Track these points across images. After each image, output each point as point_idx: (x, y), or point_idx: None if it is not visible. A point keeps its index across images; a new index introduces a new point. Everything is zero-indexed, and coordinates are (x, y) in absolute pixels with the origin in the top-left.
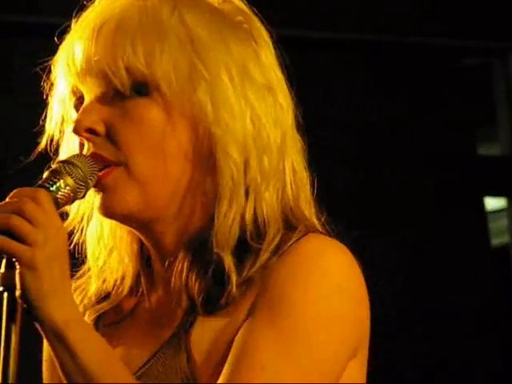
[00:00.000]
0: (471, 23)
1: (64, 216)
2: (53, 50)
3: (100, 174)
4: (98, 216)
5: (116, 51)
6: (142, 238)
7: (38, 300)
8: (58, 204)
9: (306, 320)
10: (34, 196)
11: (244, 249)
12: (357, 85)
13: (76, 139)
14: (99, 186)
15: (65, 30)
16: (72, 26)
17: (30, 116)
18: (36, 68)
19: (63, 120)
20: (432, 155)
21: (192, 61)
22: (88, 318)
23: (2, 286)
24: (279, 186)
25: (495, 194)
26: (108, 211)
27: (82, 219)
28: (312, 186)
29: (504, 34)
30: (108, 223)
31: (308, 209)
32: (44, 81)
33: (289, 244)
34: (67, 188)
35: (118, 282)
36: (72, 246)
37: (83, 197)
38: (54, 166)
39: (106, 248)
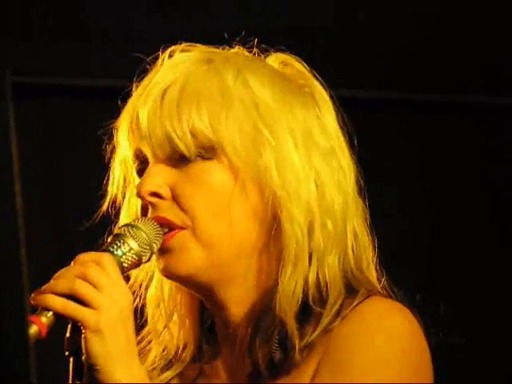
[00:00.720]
0: None
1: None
2: (112, 114)
3: (164, 236)
4: (158, 280)
5: (181, 116)
6: (206, 302)
7: (105, 365)
8: (122, 268)
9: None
10: (99, 260)
11: (306, 313)
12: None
13: (138, 203)
14: (163, 249)
15: (125, 93)
16: (133, 89)
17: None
18: (98, 131)
19: (125, 183)
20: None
21: (257, 125)
22: None
23: (68, 350)
24: (341, 251)
25: None
26: (173, 272)
27: (141, 284)
28: (374, 249)
29: None
30: (168, 287)
31: (369, 272)
32: (106, 144)
33: (351, 307)
34: (131, 252)
35: (181, 348)
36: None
37: (148, 261)
38: (118, 230)
39: (166, 312)
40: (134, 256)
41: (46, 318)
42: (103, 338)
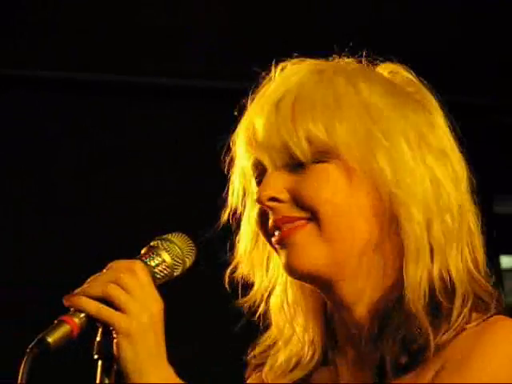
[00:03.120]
0: None
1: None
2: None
3: (286, 229)
4: (281, 286)
5: (296, 123)
6: (328, 301)
7: (134, 369)
8: (154, 279)
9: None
10: (131, 267)
11: (435, 306)
12: None
13: (257, 211)
14: (285, 243)
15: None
16: (249, 102)
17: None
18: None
19: (245, 193)
20: None
21: (370, 129)
22: None
23: (97, 354)
24: (462, 247)
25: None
26: (295, 267)
27: (266, 290)
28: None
29: None
30: (291, 292)
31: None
32: (225, 156)
33: (481, 320)
34: (164, 264)
35: (306, 349)
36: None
37: (179, 275)
38: (152, 243)
39: (291, 315)
40: (167, 268)
41: (78, 319)
42: (133, 343)
